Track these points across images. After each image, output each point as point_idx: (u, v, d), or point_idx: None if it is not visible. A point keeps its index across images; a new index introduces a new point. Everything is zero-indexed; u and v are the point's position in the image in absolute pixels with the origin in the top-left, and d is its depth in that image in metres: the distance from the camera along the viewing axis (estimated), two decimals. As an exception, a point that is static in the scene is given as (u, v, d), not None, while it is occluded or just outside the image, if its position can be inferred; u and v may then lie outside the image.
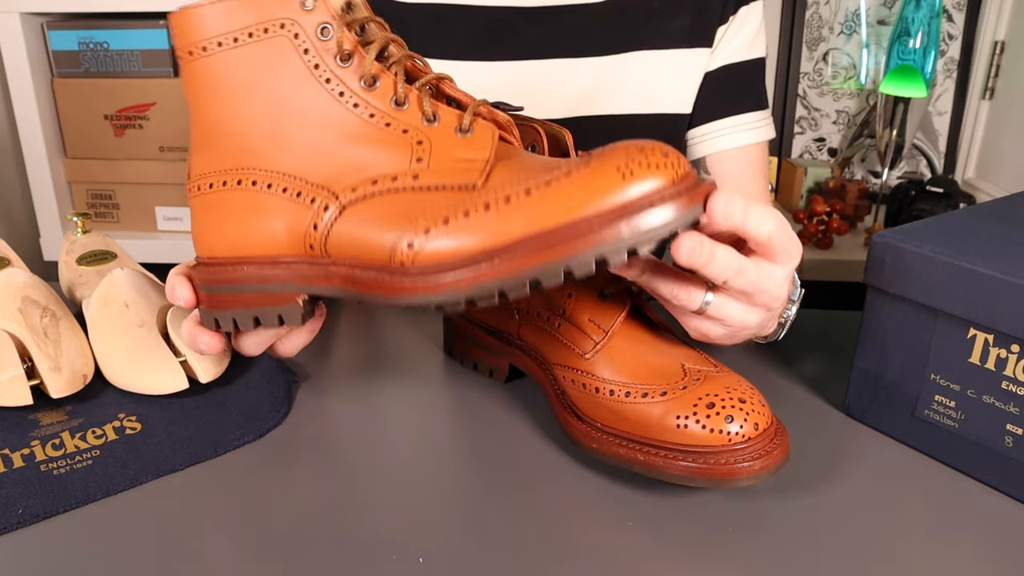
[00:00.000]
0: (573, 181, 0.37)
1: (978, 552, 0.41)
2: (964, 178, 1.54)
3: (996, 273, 0.43)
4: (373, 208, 0.41)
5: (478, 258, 0.37)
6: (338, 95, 0.42)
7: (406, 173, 0.41)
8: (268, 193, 0.43)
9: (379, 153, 0.42)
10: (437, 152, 0.41)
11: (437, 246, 0.38)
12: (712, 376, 0.44)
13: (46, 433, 0.49)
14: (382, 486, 0.45)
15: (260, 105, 0.43)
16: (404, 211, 0.40)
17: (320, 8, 0.41)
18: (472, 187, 0.39)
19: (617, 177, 0.36)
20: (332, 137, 0.42)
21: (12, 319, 0.52)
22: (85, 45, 1.35)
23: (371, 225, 0.40)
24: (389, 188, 0.41)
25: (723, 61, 0.77)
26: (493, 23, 0.74)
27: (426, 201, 0.40)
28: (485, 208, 0.38)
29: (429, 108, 0.42)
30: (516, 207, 0.37)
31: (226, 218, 0.44)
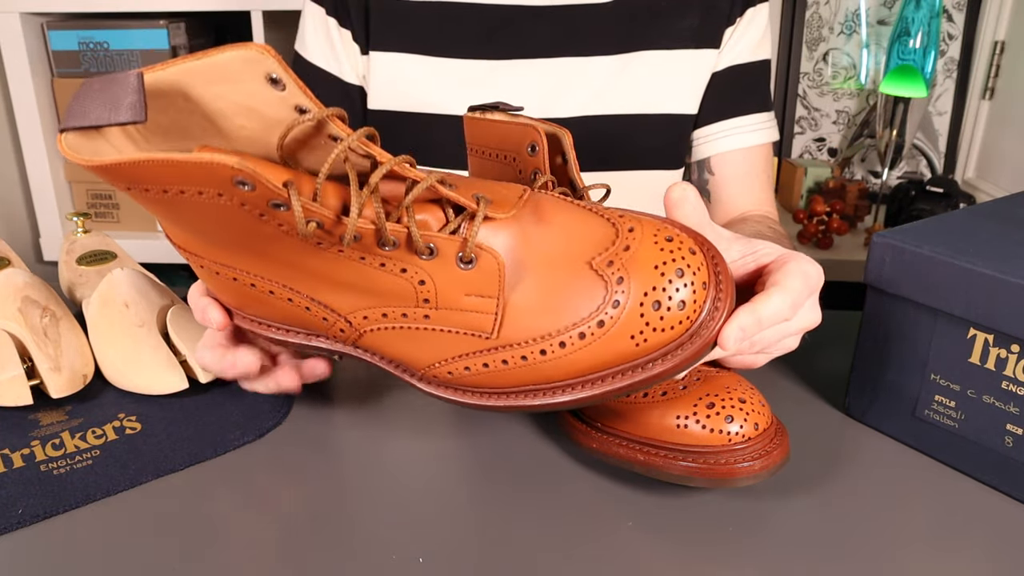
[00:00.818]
0: (587, 347, 0.38)
1: (978, 552, 0.41)
2: (964, 178, 1.54)
3: (996, 273, 0.43)
4: (391, 340, 0.41)
5: (501, 393, 0.40)
6: (315, 245, 0.37)
7: (416, 312, 0.39)
8: (272, 297, 0.41)
9: (380, 290, 0.39)
10: (443, 292, 0.38)
11: (462, 381, 0.41)
12: (712, 376, 0.44)
13: (46, 433, 0.49)
14: (382, 486, 0.45)
15: (229, 234, 0.38)
16: (424, 348, 0.40)
17: (262, 191, 0.34)
18: (486, 336, 0.39)
19: (631, 345, 0.37)
20: (325, 275, 0.39)
21: (12, 319, 0.52)
22: (85, 45, 1.35)
23: (392, 350, 0.41)
24: (401, 324, 0.40)
25: (729, 62, 0.77)
26: (501, 22, 0.74)
27: (443, 342, 0.40)
28: (503, 363, 0.39)
29: (420, 242, 0.37)
30: (532, 366, 0.39)
31: (237, 296, 0.42)
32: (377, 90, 0.76)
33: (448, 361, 0.40)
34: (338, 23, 0.75)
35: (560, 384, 0.39)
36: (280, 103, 0.36)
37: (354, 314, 0.40)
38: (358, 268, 0.38)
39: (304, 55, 0.77)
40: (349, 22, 0.75)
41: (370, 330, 0.40)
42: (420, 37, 0.75)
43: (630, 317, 0.37)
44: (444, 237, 0.37)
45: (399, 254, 0.37)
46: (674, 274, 0.37)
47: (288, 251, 0.38)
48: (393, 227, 0.36)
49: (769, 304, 0.39)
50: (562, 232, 0.39)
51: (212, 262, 0.40)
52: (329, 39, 0.76)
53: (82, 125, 0.34)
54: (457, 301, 0.38)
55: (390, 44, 0.75)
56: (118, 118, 0.34)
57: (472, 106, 0.50)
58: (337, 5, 0.75)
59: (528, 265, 0.38)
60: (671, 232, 0.38)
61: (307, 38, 0.77)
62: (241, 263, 0.40)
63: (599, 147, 0.76)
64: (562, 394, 0.39)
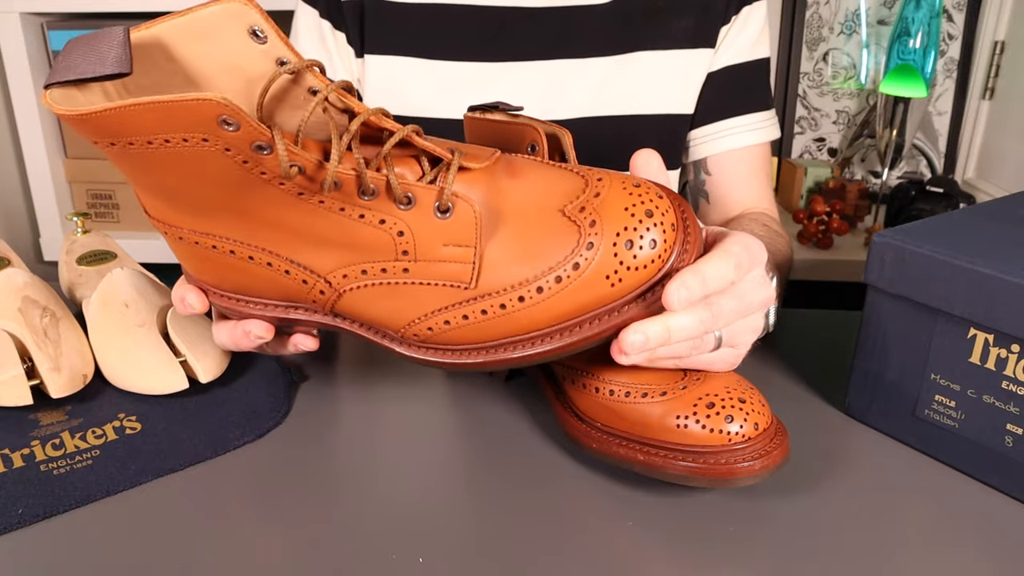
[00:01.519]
0: (563, 290, 0.38)
1: (978, 552, 0.41)
2: (964, 178, 1.54)
3: (996, 273, 0.43)
4: (371, 297, 0.41)
5: (481, 348, 0.40)
6: (297, 195, 0.37)
7: (395, 265, 0.39)
8: (251, 263, 0.40)
9: (360, 243, 0.39)
10: (421, 243, 0.39)
11: (441, 338, 0.41)
12: (712, 376, 0.44)
13: (46, 433, 0.49)
14: (382, 486, 0.45)
15: (209, 191, 0.37)
16: (403, 304, 0.40)
17: (247, 130, 0.34)
18: (465, 287, 0.39)
19: (607, 286, 0.38)
20: (305, 229, 0.39)
21: (12, 319, 0.52)
22: (85, 45, 1.34)
23: (372, 311, 0.41)
24: (381, 280, 0.40)
25: (726, 62, 0.77)
26: (498, 24, 0.74)
27: (423, 296, 0.40)
28: (482, 313, 0.39)
29: (401, 191, 0.38)
30: (512, 314, 0.39)
31: (211, 268, 0.42)
32: (373, 93, 0.76)
33: (427, 316, 0.40)
34: (332, 26, 0.75)
35: (539, 333, 0.39)
36: (262, 57, 0.37)
37: (333, 273, 0.40)
38: (338, 220, 0.38)
39: None
40: (344, 25, 0.75)
41: (349, 289, 0.40)
42: (417, 39, 0.74)
43: (604, 258, 0.38)
44: (422, 186, 0.38)
45: (378, 204, 0.38)
46: (644, 215, 0.38)
47: (269, 206, 0.38)
48: (372, 175, 0.37)
49: (711, 263, 0.39)
50: (534, 184, 0.40)
51: (191, 231, 0.40)
52: (323, 41, 0.75)
53: (68, 79, 0.34)
54: (435, 252, 0.39)
55: (386, 47, 0.75)
56: (104, 70, 0.34)
57: (472, 106, 0.50)
58: (331, 8, 0.74)
59: (503, 215, 0.39)
60: (638, 179, 0.40)
61: (300, 40, 0.77)
62: (220, 227, 0.39)
63: (596, 148, 0.76)
64: (541, 344, 0.39)
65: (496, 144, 0.48)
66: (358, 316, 0.42)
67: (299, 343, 0.47)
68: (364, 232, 0.38)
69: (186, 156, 0.35)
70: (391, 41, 0.75)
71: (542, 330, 0.39)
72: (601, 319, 0.39)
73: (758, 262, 0.42)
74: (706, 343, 0.42)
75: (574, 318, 0.39)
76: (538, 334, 0.39)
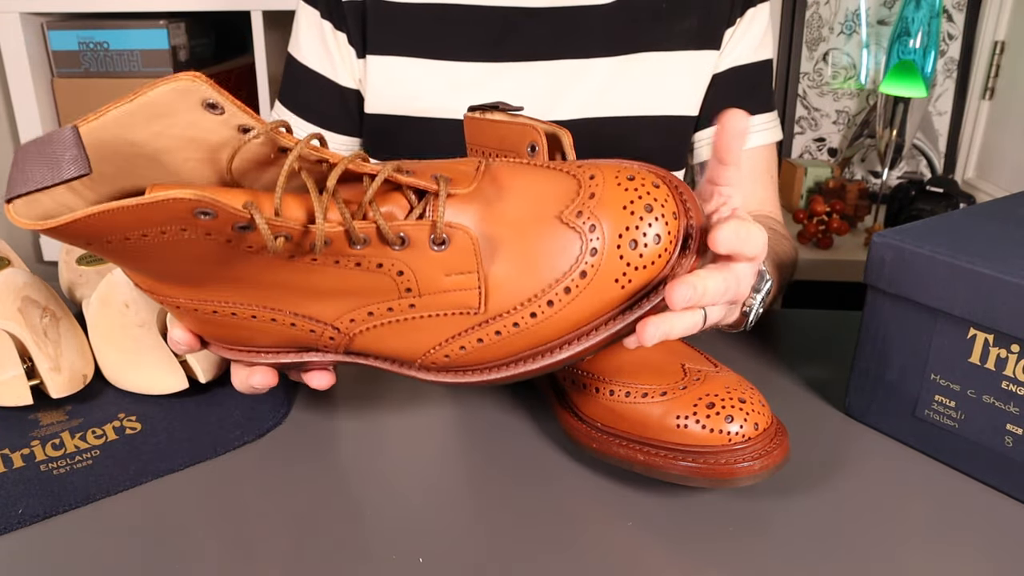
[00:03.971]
0: (573, 301, 0.38)
1: (978, 552, 0.41)
2: (964, 178, 1.54)
3: (996, 273, 0.43)
4: (382, 336, 0.40)
5: (499, 364, 0.40)
6: (288, 258, 0.36)
7: (400, 304, 0.39)
8: (256, 321, 0.40)
9: (362, 291, 0.38)
10: (423, 280, 0.38)
11: (460, 362, 0.41)
12: (712, 376, 0.44)
13: (46, 433, 0.49)
14: (382, 486, 0.45)
15: (199, 268, 0.37)
16: (415, 338, 0.40)
17: (224, 216, 0.33)
18: (474, 311, 0.39)
19: (617, 289, 0.38)
20: (303, 287, 0.38)
21: (12, 319, 0.52)
22: (85, 45, 1.35)
23: (386, 347, 0.41)
24: (389, 319, 0.39)
25: (730, 63, 0.77)
26: (501, 24, 0.74)
27: (434, 328, 0.40)
28: (496, 335, 0.39)
29: (391, 234, 0.37)
30: (526, 331, 0.39)
31: (218, 329, 0.41)
32: (375, 94, 0.76)
33: (442, 345, 0.40)
34: (333, 26, 0.75)
35: (559, 342, 0.39)
36: (222, 126, 0.36)
37: (340, 319, 0.40)
38: (334, 273, 0.37)
39: (297, 57, 0.77)
40: (345, 25, 0.74)
41: (359, 332, 0.40)
42: (419, 40, 0.74)
43: (610, 262, 0.38)
44: (412, 224, 0.37)
45: (372, 250, 0.37)
46: (644, 210, 0.38)
47: (262, 271, 0.37)
48: (361, 224, 0.36)
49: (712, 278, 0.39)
50: (525, 195, 0.39)
51: (188, 300, 0.40)
52: (324, 42, 0.75)
53: (27, 191, 0.32)
54: (439, 283, 0.38)
55: (388, 47, 0.75)
56: (62, 175, 0.33)
57: (472, 106, 0.50)
58: (332, 8, 0.74)
59: (500, 234, 0.39)
60: (631, 171, 0.39)
61: (301, 40, 0.76)
62: (217, 295, 0.39)
63: (599, 149, 0.76)
64: (560, 352, 0.39)
65: (496, 144, 0.48)
66: (373, 353, 0.42)
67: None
68: (363, 279, 0.38)
69: (167, 244, 0.34)
70: (393, 41, 0.75)
71: (560, 339, 0.39)
72: (616, 319, 0.39)
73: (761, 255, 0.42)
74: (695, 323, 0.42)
75: (589, 323, 0.39)
76: (557, 342, 0.39)
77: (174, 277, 0.38)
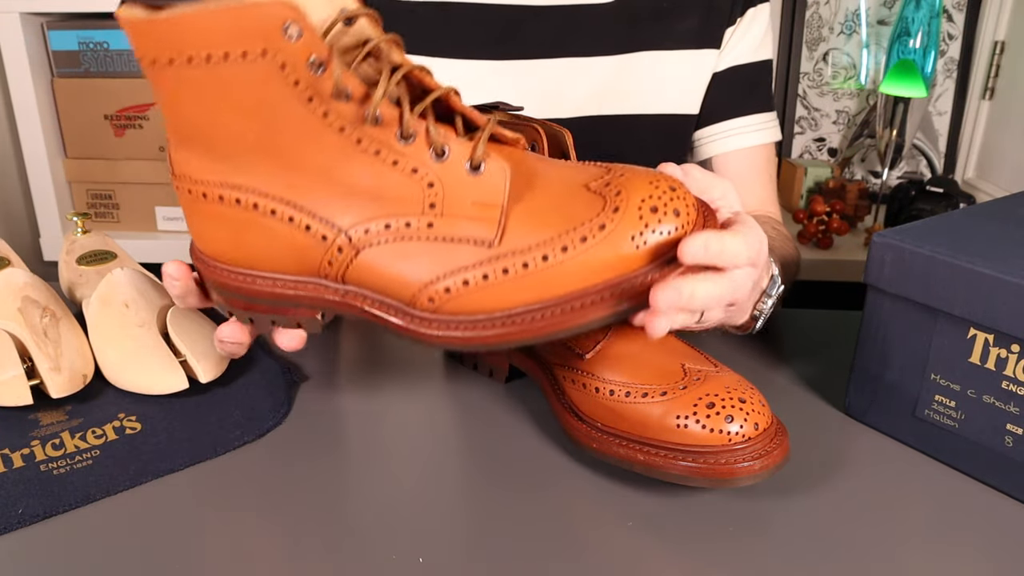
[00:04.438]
0: (588, 250, 0.38)
1: (978, 552, 0.41)
2: (964, 178, 1.54)
3: (996, 273, 0.43)
4: (389, 254, 0.40)
5: (497, 318, 0.39)
6: (338, 130, 0.38)
7: (420, 219, 0.39)
8: (273, 219, 0.40)
9: (389, 195, 0.39)
10: (450, 197, 0.39)
11: (457, 304, 0.40)
12: (712, 376, 0.44)
13: (46, 433, 0.49)
14: (382, 486, 0.45)
15: (250, 126, 0.38)
16: (422, 262, 0.40)
17: (308, 40, 0.35)
18: (488, 244, 0.39)
19: (631, 247, 0.38)
20: (336, 171, 0.39)
21: (12, 319, 0.52)
22: (85, 45, 1.35)
23: (389, 272, 0.40)
24: (403, 235, 0.39)
25: (730, 63, 0.77)
26: (503, 22, 0.74)
27: (444, 254, 0.39)
28: (504, 272, 0.39)
29: (438, 140, 0.39)
30: (534, 274, 0.38)
31: (228, 233, 0.42)
32: None
33: (446, 276, 0.39)
34: None
35: (557, 302, 0.38)
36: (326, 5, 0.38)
37: (355, 227, 0.40)
38: (371, 164, 0.39)
39: None
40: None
41: (369, 246, 0.40)
42: (421, 38, 0.74)
43: (630, 219, 0.38)
44: (457, 140, 0.39)
45: (413, 151, 0.39)
46: (667, 188, 0.39)
47: (307, 142, 0.38)
48: (413, 119, 0.39)
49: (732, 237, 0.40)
50: (560, 168, 0.42)
51: (218, 184, 0.40)
52: None
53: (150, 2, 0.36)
54: (463, 208, 0.39)
55: None
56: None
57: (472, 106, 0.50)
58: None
59: (531, 185, 0.40)
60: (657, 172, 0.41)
61: None
62: (250, 176, 0.40)
63: (600, 148, 0.76)
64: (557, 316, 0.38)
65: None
66: (370, 282, 0.41)
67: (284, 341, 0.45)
68: (394, 180, 0.39)
69: (238, 80, 0.36)
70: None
71: (562, 298, 0.38)
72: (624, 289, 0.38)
73: (760, 261, 0.43)
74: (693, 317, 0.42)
75: (598, 280, 0.38)
76: (556, 303, 0.38)
77: (221, 141, 0.39)
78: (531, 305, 0.39)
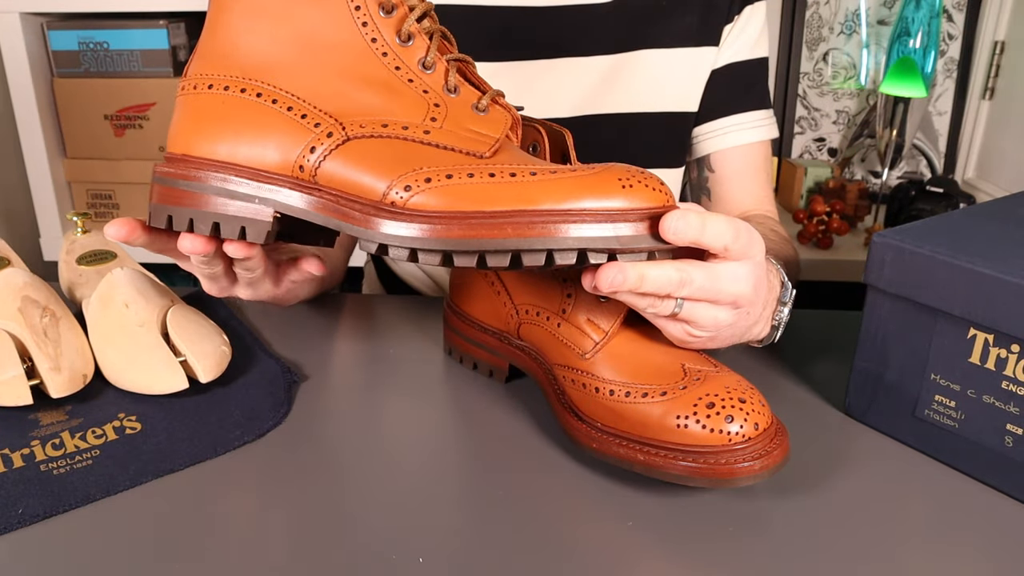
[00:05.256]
0: (577, 176, 0.39)
1: (978, 552, 0.41)
2: (964, 178, 1.54)
3: (996, 273, 0.43)
4: (377, 148, 0.41)
5: (470, 216, 0.39)
6: (371, 40, 0.43)
7: (418, 127, 0.41)
8: (271, 108, 0.43)
9: (395, 102, 0.42)
10: (452, 118, 0.42)
11: (432, 199, 0.39)
12: (712, 376, 0.44)
13: (46, 433, 0.49)
14: (382, 486, 0.45)
15: (288, 34, 0.43)
16: (408, 158, 0.41)
17: None
18: (480, 156, 0.40)
19: (617, 186, 0.39)
20: (353, 75, 0.43)
21: (12, 319, 0.52)
22: (85, 45, 1.35)
23: (371, 163, 0.41)
24: (398, 135, 0.41)
25: (728, 60, 0.78)
26: (501, 23, 0.74)
27: (432, 155, 0.41)
28: (489, 176, 0.39)
29: (453, 80, 0.43)
30: (519, 182, 0.39)
31: (217, 121, 0.43)
32: None
33: (429, 168, 0.40)
34: None
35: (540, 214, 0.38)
36: None
37: (352, 119, 0.42)
38: (389, 76, 0.43)
39: None
40: None
41: (360, 136, 0.41)
42: None
43: (620, 168, 0.40)
44: (469, 87, 0.43)
45: (429, 79, 0.43)
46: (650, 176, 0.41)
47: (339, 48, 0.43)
48: (437, 54, 0.43)
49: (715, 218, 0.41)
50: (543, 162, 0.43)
51: (229, 77, 0.44)
52: None
53: None
54: (462, 126, 0.42)
55: None
56: None
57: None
58: None
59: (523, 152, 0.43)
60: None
61: None
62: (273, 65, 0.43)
63: (600, 146, 0.76)
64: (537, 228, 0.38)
65: None
66: (346, 176, 0.41)
67: (306, 267, 0.52)
68: (406, 92, 0.43)
69: None
70: None
71: (541, 211, 0.38)
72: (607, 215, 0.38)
73: (753, 253, 0.43)
74: (664, 306, 0.43)
75: (580, 198, 0.38)
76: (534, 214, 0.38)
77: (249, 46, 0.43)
78: (510, 210, 0.39)
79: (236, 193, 0.43)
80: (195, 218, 0.43)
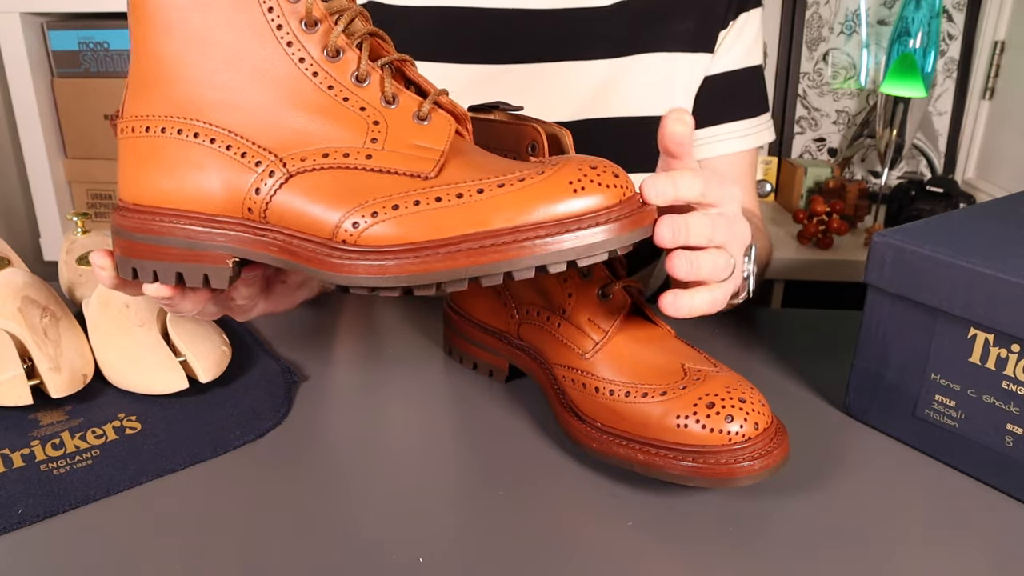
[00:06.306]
0: (525, 187, 0.38)
1: (978, 552, 0.41)
2: (964, 178, 1.54)
3: (996, 273, 0.43)
4: (321, 181, 0.40)
5: (422, 248, 0.38)
6: (298, 60, 0.40)
7: (359, 152, 0.40)
8: (209, 148, 0.41)
9: (333, 127, 0.40)
10: (393, 136, 0.40)
11: (383, 231, 0.38)
12: (712, 376, 0.44)
13: (46, 433, 0.49)
14: (382, 486, 0.45)
15: (214, 56, 0.41)
16: (353, 190, 0.39)
17: None
18: (424, 177, 0.39)
19: (568, 191, 0.38)
20: (286, 102, 0.41)
21: (12, 319, 0.52)
22: (85, 45, 1.35)
23: (317, 198, 0.40)
24: (340, 164, 0.40)
25: (722, 68, 0.78)
26: (500, 25, 0.74)
27: (376, 183, 0.39)
28: (436, 200, 0.38)
29: (389, 89, 0.41)
30: (467, 204, 0.38)
31: (159, 167, 0.42)
32: None
33: (377, 200, 0.39)
34: None
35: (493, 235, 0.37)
36: None
37: (292, 155, 0.41)
38: (322, 96, 0.41)
39: None
40: None
41: (303, 171, 0.40)
42: (420, 42, 0.74)
43: (570, 167, 0.39)
44: (407, 92, 0.41)
45: (365, 93, 0.41)
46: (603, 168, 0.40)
47: (270, 65, 0.41)
48: (369, 64, 0.41)
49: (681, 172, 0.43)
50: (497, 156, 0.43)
51: (164, 117, 0.42)
52: None
53: None
54: (404, 145, 0.40)
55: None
56: None
57: (472, 106, 0.50)
58: None
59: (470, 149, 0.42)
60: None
61: None
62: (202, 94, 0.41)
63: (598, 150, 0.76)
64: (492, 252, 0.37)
65: (496, 144, 0.48)
66: (292, 216, 0.40)
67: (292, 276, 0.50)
68: (342, 113, 0.41)
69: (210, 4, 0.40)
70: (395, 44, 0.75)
71: (494, 231, 0.37)
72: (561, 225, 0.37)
73: (728, 196, 0.45)
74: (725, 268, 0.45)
75: (531, 210, 0.37)
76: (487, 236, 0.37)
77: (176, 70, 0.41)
78: (461, 235, 0.37)
79: (193, 243, 0.42)
80: (157, 270, 0.43)
